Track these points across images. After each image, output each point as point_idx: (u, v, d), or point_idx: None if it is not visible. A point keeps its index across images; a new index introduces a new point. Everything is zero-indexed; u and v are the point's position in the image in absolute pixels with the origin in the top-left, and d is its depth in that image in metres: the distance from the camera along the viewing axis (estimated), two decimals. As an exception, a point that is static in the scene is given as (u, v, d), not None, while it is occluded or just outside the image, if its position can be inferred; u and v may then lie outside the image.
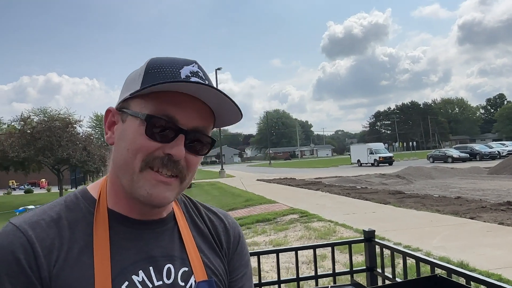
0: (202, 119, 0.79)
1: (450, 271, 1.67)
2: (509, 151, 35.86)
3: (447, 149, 43.58)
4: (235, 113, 0.82)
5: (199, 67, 0.82)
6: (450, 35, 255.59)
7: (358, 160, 43.94)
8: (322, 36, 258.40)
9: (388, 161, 39.83)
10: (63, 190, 20.96)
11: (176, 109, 0.76)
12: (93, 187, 0.88)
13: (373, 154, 40.98)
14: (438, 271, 1.81)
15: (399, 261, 2.35)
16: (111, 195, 0.84)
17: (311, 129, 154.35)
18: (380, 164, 39.46)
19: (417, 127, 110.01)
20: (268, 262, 6.03)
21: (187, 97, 0.77)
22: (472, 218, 8.69)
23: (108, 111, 0.85)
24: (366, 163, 41.75)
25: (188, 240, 0.89)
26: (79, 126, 22.03)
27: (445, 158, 36.71)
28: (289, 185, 21.09)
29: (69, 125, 20.77)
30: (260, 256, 2.27)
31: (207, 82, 0.78)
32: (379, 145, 44.53)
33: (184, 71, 0.78)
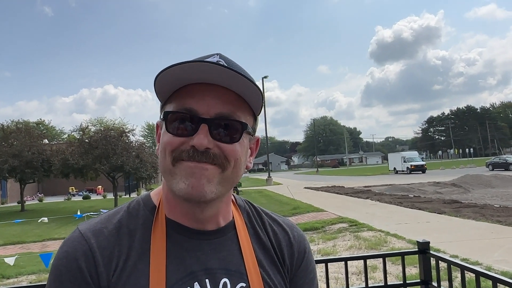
0: (225, 105, 0.76)
1: (515, 287, 1.55)
2: None
3: (508, 155, 40.91)
4: (256, 93, 0.77)
5: (222, 57, 0.79)
6: (508, 36, 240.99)
7: (394, 168, 46.20)
8: (370, 41, 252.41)
9: (421, 169, 41.02)
10: (118, 197, 21.89)
11: (194, 100, 0.75)
12: (155, 193, 0.88)
13: (406, 162, 42.97)
14: (501, 287, 1.69)
15: (456, 274, 2.22)
16: (166, 202, 0.84)
17: (360, 136, 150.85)
18: (412, 172, 40.98)
19: (474, 133, 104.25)
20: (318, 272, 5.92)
21: (205, 86, 0.75)
22: (538, 230, 8.06)
23: (156, 125, 0.86)
24: (402, 171, 43.46)
25: (247, 253, 0.85)
26: (132, 135, 22.99)
27: (506, 166, 34.43)
28: (337, 193, 20.69)
29: (123, 134, 21.73)
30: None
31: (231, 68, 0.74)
32: (413, 154, 47.09)
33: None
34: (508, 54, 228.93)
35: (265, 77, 40.67)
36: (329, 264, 2.28)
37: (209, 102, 0.75)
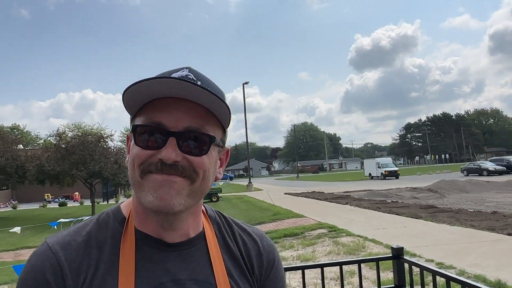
0: (193, 118, 0.77)
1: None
2: (549, 163, 34.21)
3: (482, 161, 42.10)
4: (224, 109, 0.79)
5: (192, 71, 0.81)
6: (481, 45, 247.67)
7: (370, 173, 47.54)
8: (349, 49, 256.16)
9: (394, 174, 42.65)
10: (95, 203, 21.49)
11: (163, 114, 0.77)
12: (125, 205, 0.89)
13: (380, 168, 44.43)
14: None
15: (431, 279, 2.28)
16: (135, 214, 0.84)
17: (340, 142, 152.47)
18: (386, 178, 42.35)
19: (450, 139, 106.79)
20: (296, 278, 5.94)
21: (174, 100, 0.77)
22: (509, 234, 8.31)
23: (127, 136, 0.86)
24: (377, 176, 44.84)
25: (217, 263, 0.85)
26: (111, 140, 22.70)
27: (480, 171, 35.40)
28: (317, 199, 20.83)
29: (101, 139, 21.40)
30: (287, 272, 2.26)
31: (198, 83, 0.76)
32: (387, 160, 48.59)
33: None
34: (481, 63, 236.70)
35: (246, 83, 40.87)
36: (308, 270, 2.30)
37: (177, 116, 0.77)
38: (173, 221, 0.81)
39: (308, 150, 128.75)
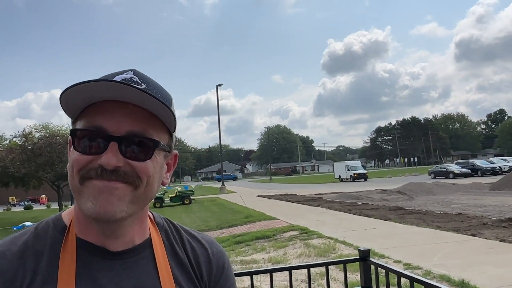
0: (136, 123, 0.75)
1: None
2: (510, 166, 35.75)
3: (448, 164, 43.75)
4: (168, 113, 0.76)
5: (137, 73, 0.78)
6: (447, 53, 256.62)
7: (339, 176, 48.54)
8: (322, 53, 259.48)
9: (363, 177, 44.00)
10: (63, 206, 20.89)
11: (103, 118, 0.74)
12: (67, 213, 0.85)
13: (350, 170, 45.76)
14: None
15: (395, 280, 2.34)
16: (77, 222, 0.81)
17: (312, 144, 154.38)
18: (355, 180, 43.71)
19: (418, 143, 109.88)
20: (266, 281, 5.95)
21: (116, 103, 0.74)
22: (473, 235, 8.61)
23: (69, 140, 0.81)
24: (346, 179, 45.98)
25: (164, 271, 0.83)
26: (80, 142, 22.13)
27: (446, 174, 36.58)
28: (289, 201, 20.97)
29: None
30: (255, 275, 2.26)
31: (142, 87, 0.74)
32: (356, 163, 50.22)
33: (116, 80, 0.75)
34: (448, 70, 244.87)
35: (220, 85, 40.75)
36: (279, 272, 2.31)
37: (119, 120, 0.74)
38: (115, 229, 0.78)
39: (282, 152, 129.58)
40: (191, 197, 24.43)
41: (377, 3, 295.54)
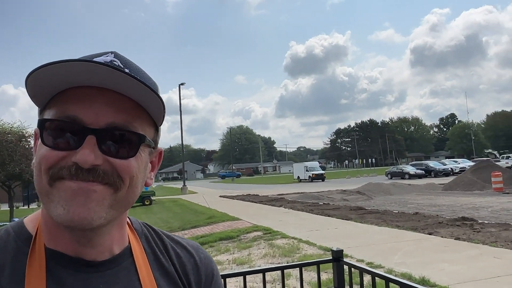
0: (119, 113, 0.64)
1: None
2: (461, 168, 37.60)
3: (404, 165, 45.46)
4: (156, 101, 0.66)
5: (118, 56, 0.67)
6: (403, 58, 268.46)
7: (298, 177, 49.04)
8: (284, 55, 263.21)
9: (320, 177, 45.14)
10: (14, 208, 19.82)
11: (80, 106, 0.63)
12: (31, 220, 0.73)
13: (308, 171, 46.53)
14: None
15: (369, 279, 2.35)
16: (45, 229, 0.69)
17: (274, 145, 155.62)
18: (313, 180, 44.69)
19: (376, 145, 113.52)
20: (232, 282, 5.88)
21: (94, 90, 0.63)
22: (430, 234, 8.94)
23: (35, 133, 0.69)
24: (305, 179, 46.66)
25: (147, 282, 0.73)
26: (34, 140, 21.07)
27: (402, 175, 37.98)
28: (252, 201, 20.98)
29: (23, 139, 19.77)
30: (227, 278, 2.19)
31: (126, 71, 0.63)
32: (314, 164, 51.21)
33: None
34: (404, 75, 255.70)
35: (182, 84, 40.09)
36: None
37: (98, 109, 0.63)
38: (92, 237, 0.67)
39: (244, 153, 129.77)
40: (152, 198, 23.92)
41: (338, 8, 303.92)
